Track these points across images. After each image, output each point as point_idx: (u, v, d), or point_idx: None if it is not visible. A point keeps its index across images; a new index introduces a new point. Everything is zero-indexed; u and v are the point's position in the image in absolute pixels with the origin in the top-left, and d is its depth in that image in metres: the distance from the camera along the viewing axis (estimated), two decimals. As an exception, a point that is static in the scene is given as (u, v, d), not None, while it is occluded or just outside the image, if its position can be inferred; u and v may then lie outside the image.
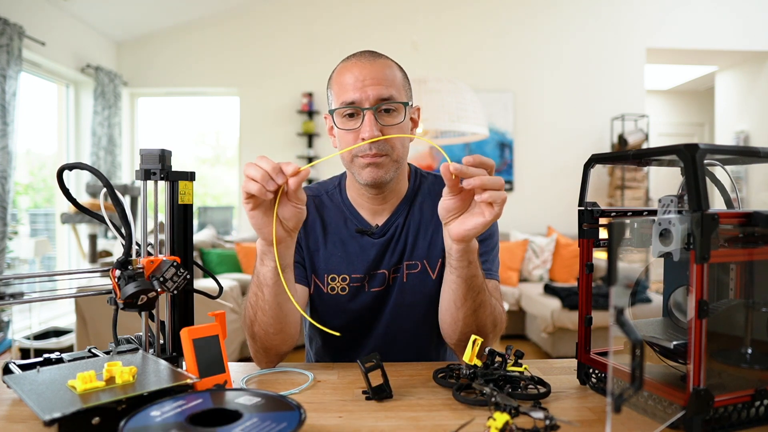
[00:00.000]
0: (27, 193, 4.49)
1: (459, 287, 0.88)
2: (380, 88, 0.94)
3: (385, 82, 0.95)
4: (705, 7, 5.14)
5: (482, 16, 5.12)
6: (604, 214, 0.79)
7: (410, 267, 1.05)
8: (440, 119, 3.07)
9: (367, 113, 0.94)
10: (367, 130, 0.93)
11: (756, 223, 0.62)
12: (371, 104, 0.94)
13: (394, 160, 0.99)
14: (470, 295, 0.89)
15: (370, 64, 0.96)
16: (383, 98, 0.95)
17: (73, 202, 0.86)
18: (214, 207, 5.75)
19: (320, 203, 1.10)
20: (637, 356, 0.49)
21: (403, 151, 1.01)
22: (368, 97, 0.94)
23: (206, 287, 1.03)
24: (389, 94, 0.95)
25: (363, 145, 0.95)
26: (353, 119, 0.96)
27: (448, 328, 0.95)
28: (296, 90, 5.02)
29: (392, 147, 0.97)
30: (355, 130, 0.96)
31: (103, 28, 4.75)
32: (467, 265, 0.86)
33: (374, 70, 0.95)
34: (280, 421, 0.57)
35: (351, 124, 0.96)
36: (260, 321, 0.90)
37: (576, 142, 5.11)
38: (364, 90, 0.94)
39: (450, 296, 0.91)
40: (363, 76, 0.94)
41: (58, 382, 0.69)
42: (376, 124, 0.94)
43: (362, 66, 0.96)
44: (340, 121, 0.97)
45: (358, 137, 0.95)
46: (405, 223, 1.07)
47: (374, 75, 0.95)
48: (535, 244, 4.56)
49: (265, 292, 0.88)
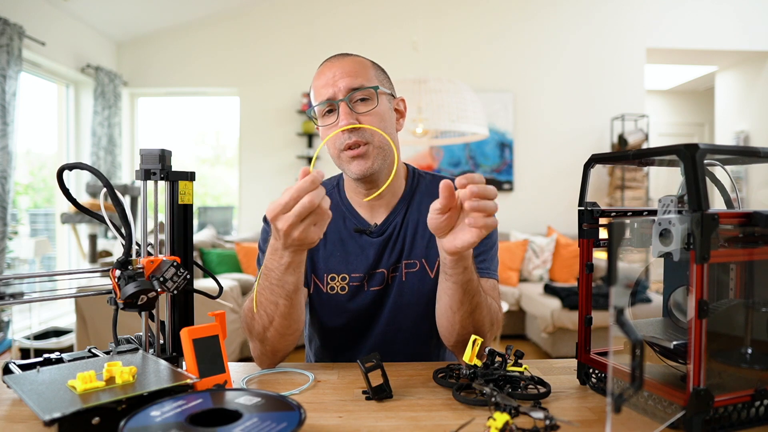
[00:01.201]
0: (27, 193, 4.49)
1: (455, 293, 0.88)
2: (349, 79, 0.97)
3: (354, 73, 0.98)
4: (705, 7, 5.14)
5: (482, 16, 5.12)
6: (604, 214, 0.79)
7: (409, 266, 1.06)
8: (440, 119, 3.07)
9: (341, 104, 0.97)
10: (342, 118, 0.96)
11: (756, 223, 0.62)
12: (343, 95, 0.97)
13: (377, 147, 0.99)
14: (466, 299, 0.89)
15: (340, 62, 1.00)
16: (353, 88, 0.97)
17: (73, 202, 0.86)
18: (214, 207, 5.75)
19: None
20: (637, 356, 0.49)
21: (384, 139, 0.99)
22: (340, 89, 0.97)
23: (206, 287, 1.03)
24: (359, 84, 0.97)
25: (343, 137, 0.97)
26: (331, 115, 0.99)
27: (446, 332, 0.95)
28: (296, 90, 5.02)
29: (371, 133, 0.98)
30: (334, 123, 0.98)
31: (103, 28, 4.75)
32: (462, 272, 0.86)
33: (343, 65, 0.99)
34: (280, 421, 0.57)
35: (330, 119, 0.99)
36: (277, 325, 0.90)
37: (576, 142, 5.11)
38: (335, 84, 0.97)
39: (446, 301, 0.91)
40: (333, 72, 0.98)
41: (58, 382, 0.69)
42: (351, 114, 0.96)
43: (332, 64, 1.00)
44: (320, 119, 1.00)
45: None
46: (403, 222, 1.07)
47: (343, 69, 0.98)
48: (535, 244, 4.56)
49: (291, 300, 0.87)
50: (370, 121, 0.97)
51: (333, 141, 0.99)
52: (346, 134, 0.96)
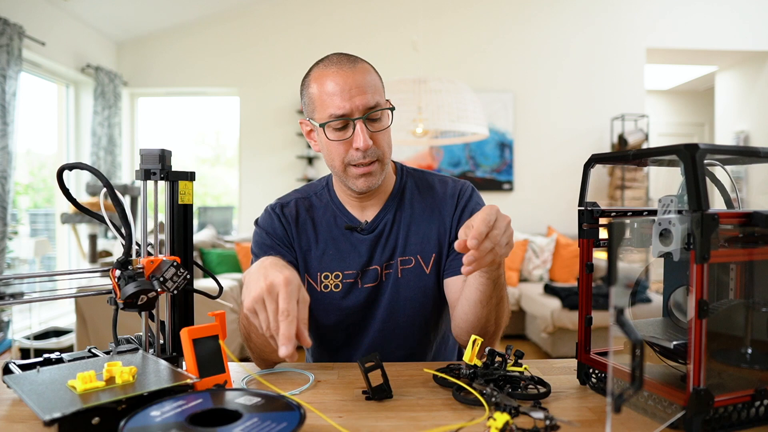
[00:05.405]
0: (27, 193, 4.49)
1: (487, 288, 0.90)
2: (366, 96, 0.96)
3: (370, 90, 0.97)
4: (705, 7, 5.14)
5: (482, 17, 5.12)
6: (604, 214, 0.79)
7: (404, 263, 1.07)
8: (440, 119, 3.07)
9: (359, 123, 0.96)
10: (361, 139, 0.96)
11: (756, 223, 0.62)
12: (361, 114, 0.97)
13: (383, 164, 1.02)
14: (495, 292, 0.92)
15: (352, 72, 0.97)
16: (370, 107, 0.97)
17: (73, 202, 0.86)
18: (214, 207, 5.75)
19: (309, 205, 1.12)
20: (637, 356, 0.49)
21: (390, 153, 1.05)
22: (357, 107, 0.96)
23: (206, 287, 1.03)
24: (375, 102, 0.97)
25: (356, 154, 0.98)
26: (343, 130, 0.98)
27: (470, 326, 0.96)
28: (296, 90, 5.01)
29: (383, 152, 1.01)
30: (347, 140, 0.98)
31: (103, 28, 4.75)
32: (497, 268, 0.89)
33: (357, 78, 0.96)
34: (280, 421, 0.57)
35: (341, 135, 0.98)
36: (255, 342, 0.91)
37: (576, 142, 5.11)
38: (353, 101, 0.95)
39: (477, 296, 0.92)
40: (348, 85, 0.96)
41: (58, 382, 0.69)
42: (367, 132, 0.97)
43: (344, 74, 0.96)
44: (330, 132, 0.98)
45: (350, 147, 0.98)
46: (395, 219, 1.09)
47: (358, 84, 0.96)
48: (535, 244, 4.56)
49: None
50: (382, 139, 1.00)
51: (340, 154, 0.99)
52: (360, 153, 0.98)
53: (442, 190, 1.11)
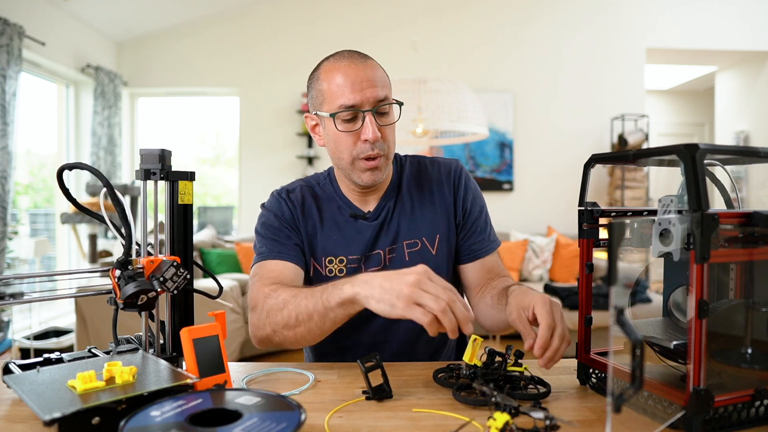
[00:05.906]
0: (27, 193, 4.49)
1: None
2: (377, 89, 0.99)
3: (380, 84, 1.00)
4: (705, 7, 5.14)
5: (482, 17, 5.12)
6: (604, 214, 0.79)
7: (410, 246, 1.10)
8: (440, 119, 3.07)
9: (368, 115, 0.99)
10: (371, 131, 0.98)
11: (756, 223, 0.62)
12: (371, 106, 0.99)
13: (388, 159, 1.05)
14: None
15: (363, 66, 1.00)
16: (380, 100, 0.99)
17: (73, 202, 0.86)
18: (214, 207, 5.75)
19: (314, 192, 1.14)
20: (637, 356, 0.49)
21: (394, 150, 1.08)
22: (368, 99, 0.98)
23: (206, 287, 1.03)
24: (384, 95, 1.00)
25: (365, 147, 1.00)
26: (352, 122, 1.00)
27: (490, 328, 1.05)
28: (296, 90, 5.02)
29: (389, 147, 1.03)
30: (356, 131, 1.00)
31: (103, 28, 4.75)
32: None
33: (368, 72, 0.99)
34: (280, 421, 0.57)
35: (351, 126, 1.00)
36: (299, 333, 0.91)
37: (576, 142, 5.11)
38: (363, 93, 0.98)
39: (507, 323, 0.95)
40: (359, 78, 0.98)
41: (58, 382, 0.69)
42: (376, 125, 0.99)
43: (356, 68, 0.99)
44: (340, 124, 1.00)
45: (359, 138, 1.00)
46: (395, 205, 1.12)
47: (369, 77, 0.99)
48: (535, 244, 4.56)
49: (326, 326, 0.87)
50: (389, 134, 1.02)
51: (348, 147, 1.01)
52: (369, 145, 0.99)
53: (437, 171, 1.16)
